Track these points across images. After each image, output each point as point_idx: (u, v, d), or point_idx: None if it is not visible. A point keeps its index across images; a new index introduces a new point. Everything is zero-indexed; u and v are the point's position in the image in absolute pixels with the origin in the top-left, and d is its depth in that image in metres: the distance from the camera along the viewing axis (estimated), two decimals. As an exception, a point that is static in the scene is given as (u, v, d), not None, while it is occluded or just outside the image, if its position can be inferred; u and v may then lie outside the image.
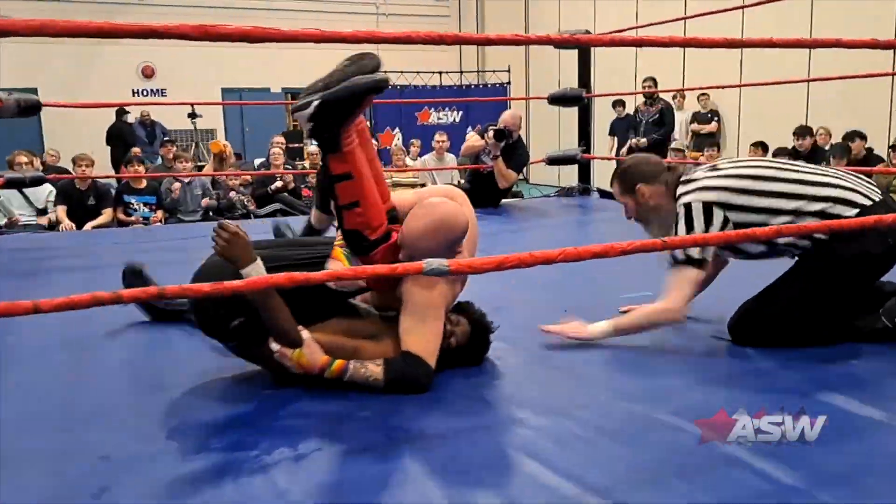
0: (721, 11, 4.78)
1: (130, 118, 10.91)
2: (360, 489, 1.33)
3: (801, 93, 8.26)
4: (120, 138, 10.68)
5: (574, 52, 5.38)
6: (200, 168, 8.10)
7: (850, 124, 7.02)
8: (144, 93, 12.84)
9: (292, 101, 13.37)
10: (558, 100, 4.84)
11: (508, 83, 13.08)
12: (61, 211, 5.54)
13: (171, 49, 12.25)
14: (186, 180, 6.09)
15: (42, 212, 5.72)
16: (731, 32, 6.79)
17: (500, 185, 4.93)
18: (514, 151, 5.00)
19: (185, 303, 2.20)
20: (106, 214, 5.71)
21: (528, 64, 13.86)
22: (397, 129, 13.17)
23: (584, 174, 5.81)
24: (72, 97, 10.37)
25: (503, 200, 5.18)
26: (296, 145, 10.79)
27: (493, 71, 13.80)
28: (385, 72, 1.81)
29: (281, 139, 7.80)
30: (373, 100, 1.91)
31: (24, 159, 5.77)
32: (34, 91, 11.72)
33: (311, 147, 7.95)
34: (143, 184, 5.99)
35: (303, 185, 6.73)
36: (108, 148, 10.64)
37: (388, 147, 11.91)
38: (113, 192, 5.94)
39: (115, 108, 10.60)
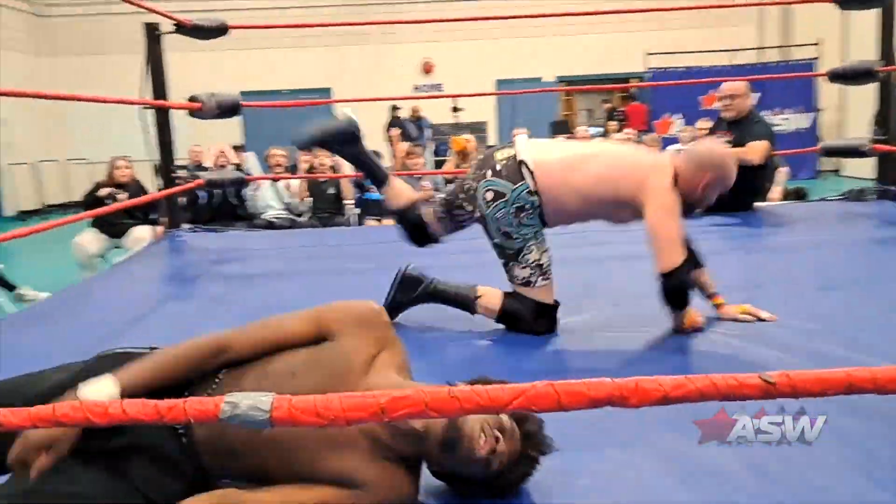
0: None
1: (403, 113, 11.39)
2: None
3: None
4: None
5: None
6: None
7: None
8: (424, 88, 13.40)
9: (563, 88, 12.92)
10: (841, 76, 3.71)
11: (816, 59, 11.11)
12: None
13: (449, 44, 12.65)
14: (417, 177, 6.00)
15: (290, 208, 6.07)
16: None
17: (754, 161, 3.79)
18: (746, 129, 3.94)
19: None
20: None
21: (847, 37, 11.61)
22: (679, 115, 12.03)
23: (886, 171, 4.43)
24: (363, 94, 11.16)
25: (757, 204, 4.12)
26: (561, 136, 10.40)
27: (799, 45, 11.85)
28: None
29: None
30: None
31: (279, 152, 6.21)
32: (327, 91, 13.05)
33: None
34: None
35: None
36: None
37: (666, 136, 10.91)
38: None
39: (391, 104, 11.20)
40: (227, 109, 3.73)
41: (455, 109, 9.79)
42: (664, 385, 0.66)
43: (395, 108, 11.21)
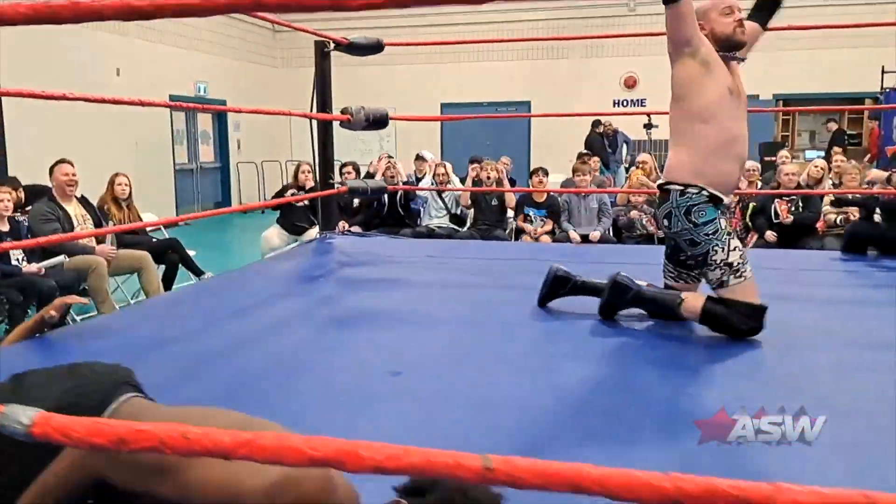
0: None
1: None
2: None
3: None
4: (592, 148, 11.03)
5: None
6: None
7: None
8: (624, 103, 12.99)
9: (779, 108, 11.81)
10: None
11: None
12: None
13: (653, 59, 12.14)
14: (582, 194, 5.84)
15: (455, 217, 6.22)
16: None
17: None
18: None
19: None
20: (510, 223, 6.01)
21: None
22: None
23: None
24: (561, 108, 11.12)
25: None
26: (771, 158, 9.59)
27: None
28: None
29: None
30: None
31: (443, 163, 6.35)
32: (527, 104, 13.17)
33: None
34: (544, 197, 5.98)
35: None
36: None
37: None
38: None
39: (592, 119, 11.02)
40: (376, 122, 3.90)
41: (647, 126, 9.35)
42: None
43: (597, 124, 11.01)
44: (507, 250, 4.33)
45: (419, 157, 7.33)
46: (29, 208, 5.02)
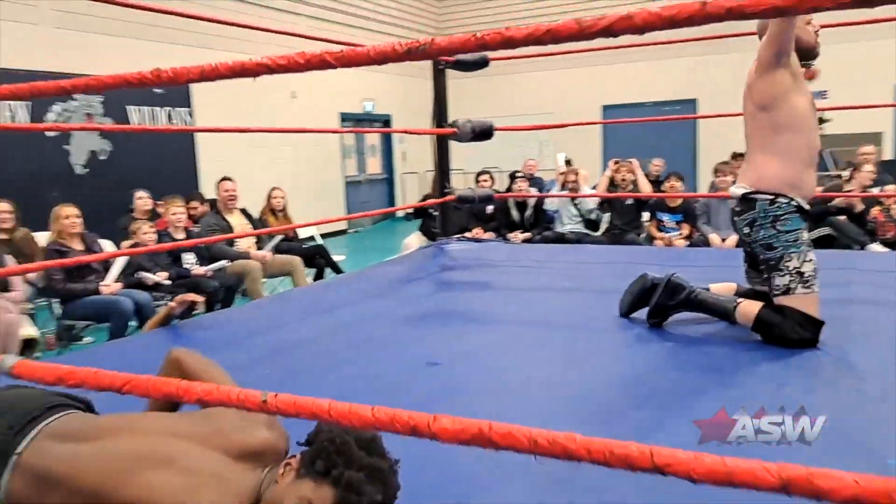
0: None
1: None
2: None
3: None
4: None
5: None
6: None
7: None
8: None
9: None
10: None
11: None
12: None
13: (840, 46, 11.15)
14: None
15: (590, 222, 6.25)
16: None
17: None
18: None
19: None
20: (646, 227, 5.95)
21: None
22: None
23: None
24: (726, 108, 10.62)
25: None
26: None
27: None
28: None
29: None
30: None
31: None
32: (692, 103, 12.62)
33: None
34: (679, 202, 5.83)
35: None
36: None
37: None
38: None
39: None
40: (481, 133, 4.12)
41: (821, 121, 8.65)
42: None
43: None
44: (615, 254, 4.33)
45: (567, 162, 7.42)
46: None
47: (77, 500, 1.18)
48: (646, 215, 6.13)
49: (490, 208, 6.68)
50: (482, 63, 4.19)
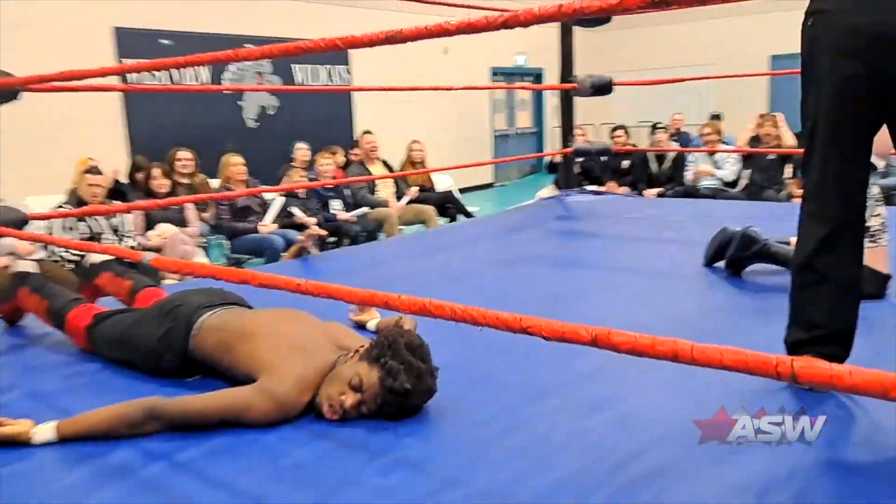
0: None
1: None
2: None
3: None
4: None
5: None
6: None
7: None
8: None
9: None
10: None
11: None
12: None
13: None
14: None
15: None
16: None
17: None
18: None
19: None
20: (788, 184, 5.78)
21: None
22: None
23: None
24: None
25: None
26: None
27: None
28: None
29: None
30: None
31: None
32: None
33: None
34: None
35: None
36: None
37: None
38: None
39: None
40: (600, 88, 4.22)
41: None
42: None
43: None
44: (737, 209, 4.27)
45: (714, 116, 7.20)
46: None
47: (228, 349, 1.69)
48: (789, 171, 5.87)
49: (626, 163, 6.69)
50: (603, 19, 4.26)
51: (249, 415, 1.49)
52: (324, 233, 3.14)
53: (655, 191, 6.31)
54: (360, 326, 2.11)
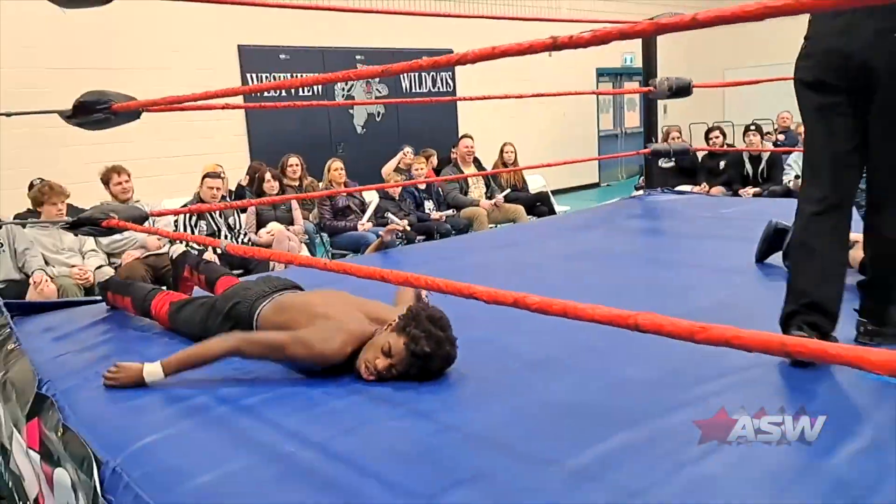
0: None
1: None
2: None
3: None
4: None
5: None
6: None
7: None
8: None
9: None
10: None
11: None
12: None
13: None
14: None
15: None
16: None
17: None
18: None
19: None
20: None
21: None
22: None
23: None
24: None
25: None
26: None
27: None
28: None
29: None
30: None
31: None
32: None
33: None
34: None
35: None
36: None
37: None
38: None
39: None
40: (678, 90, 4.32)
41: None
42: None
43: None
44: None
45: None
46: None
47: (281, 328, 2.01)
48: None
49: (722, 163, 6.64)
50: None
51: (286, 352, 1.86)
52: (400, 227, 3.47)
53: (752, 190, 6.22)
54: None
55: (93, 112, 2.32)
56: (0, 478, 2.17)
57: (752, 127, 6.54)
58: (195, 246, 4.05)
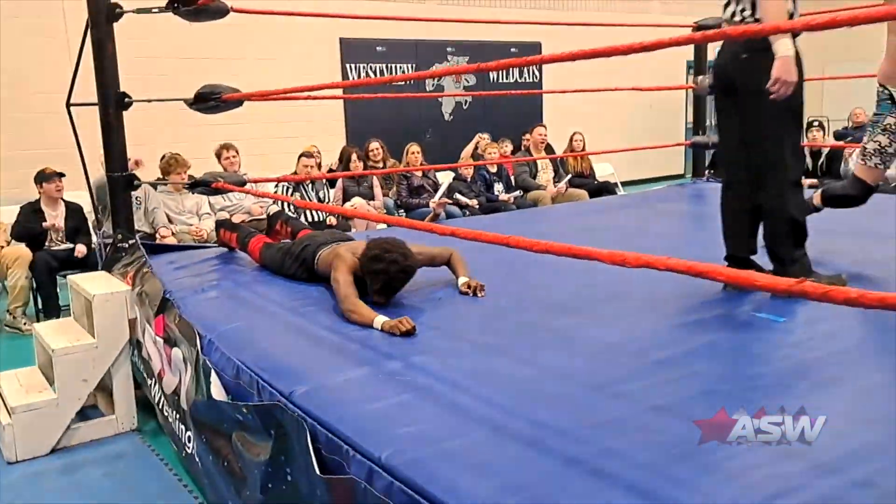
0: None
1: None
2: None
3: None
4: None
5: None
6: None
7: None
8: None
9: None
10: None
11: None
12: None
13: None
14: None
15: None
16: None
17: None
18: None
19: None
20: None
21: None
22: None
23: None
24: None
25: None
26: None
27: None
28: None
29: None
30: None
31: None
32: None
33: None
34: None
35: None
36: None
37: None
38: None
39: None
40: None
41: None
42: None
43: None
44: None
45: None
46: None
47: (330, 265, 2.66)
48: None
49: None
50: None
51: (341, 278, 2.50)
52: (448, 201, 4.10)
53: (809, 182, 6.44)
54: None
55: (207, 101, 3.10)
56: (134, 365, 3.00)
57: (816, 123, 6.71)
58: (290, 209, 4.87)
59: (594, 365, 1.90)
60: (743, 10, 2.38)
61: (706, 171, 6.35)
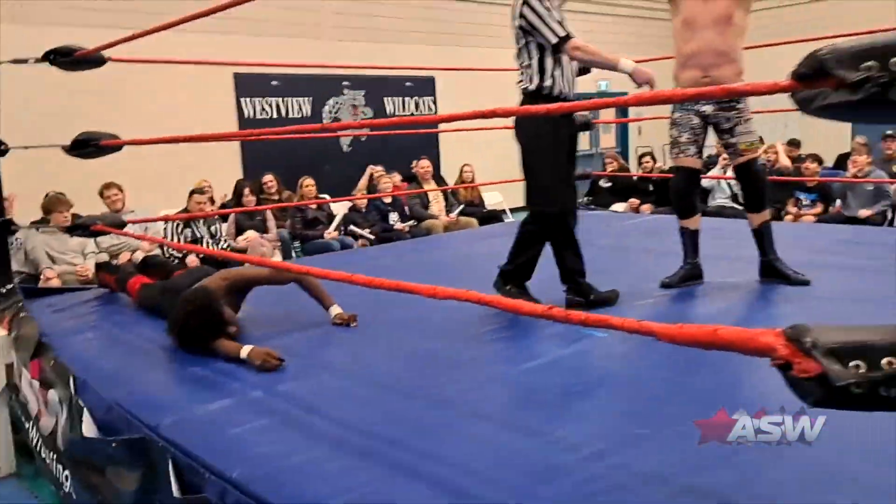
0: None
1: None
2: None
3: None
4: None
5: None
6: None
7: None
8: None
9: None
10: None
11: None
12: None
13: None
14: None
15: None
16: None
17: None
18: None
19: None
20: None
21: None
22: None
23: None
24: None
25: None
26: None
27: None
28: None
29: None
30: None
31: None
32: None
33: None
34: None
35: None
36: None
37: None
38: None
39: None
40: (585, 124, 5.13)
41: None
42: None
43: None
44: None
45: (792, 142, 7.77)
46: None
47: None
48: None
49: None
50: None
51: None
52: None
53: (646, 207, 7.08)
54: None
55: (86, 147, 3.18)
56: (12, 409, 3.01)
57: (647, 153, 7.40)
58: (175, 252, 4.91)
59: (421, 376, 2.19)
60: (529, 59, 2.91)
61: (585, 198, 6.82)
